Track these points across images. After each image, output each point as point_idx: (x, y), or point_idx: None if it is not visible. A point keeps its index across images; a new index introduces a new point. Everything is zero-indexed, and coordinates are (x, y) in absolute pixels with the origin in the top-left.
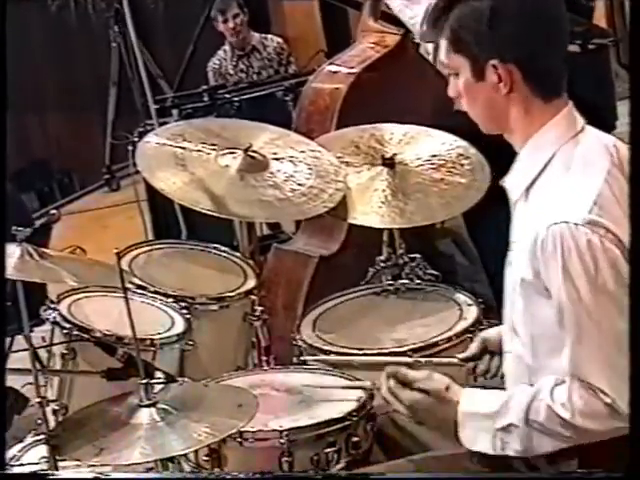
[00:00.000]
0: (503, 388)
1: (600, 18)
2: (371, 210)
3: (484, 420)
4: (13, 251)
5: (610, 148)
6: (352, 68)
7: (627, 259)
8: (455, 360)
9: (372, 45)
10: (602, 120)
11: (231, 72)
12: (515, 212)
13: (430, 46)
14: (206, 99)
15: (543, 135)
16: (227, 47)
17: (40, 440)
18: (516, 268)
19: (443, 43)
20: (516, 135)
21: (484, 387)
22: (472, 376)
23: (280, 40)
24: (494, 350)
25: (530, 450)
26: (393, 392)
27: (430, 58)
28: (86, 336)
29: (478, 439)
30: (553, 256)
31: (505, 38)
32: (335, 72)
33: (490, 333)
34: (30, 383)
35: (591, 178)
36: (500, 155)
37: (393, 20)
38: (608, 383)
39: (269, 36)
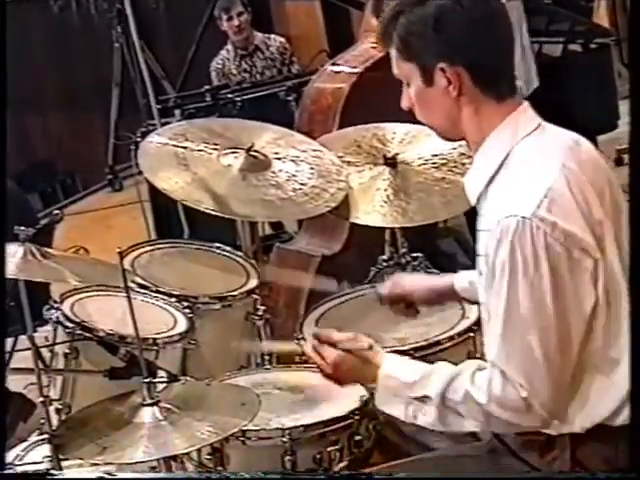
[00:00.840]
0: None
1: (603, 17)
2: (373, 209)
3: (401, 387)
4: (16, 251)
5: (570, 145)
6: (354, 68)
7: (575, 257)
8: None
9: (374, 45)
10: (603, 119)
11: (234, 72)
12: (479, 212)
13: None
14: (208, 99)
15: (497, 134)
16: (230, 47)
17: (43, 439)
18: (481, 266)
19: (392, 53)
20: (470, 137)
21: None
22: None
23: (283, 40)
24: (410, 302)
25: (441, 425)
26: (317, 350)
27: None
28: (89, 335)
29: (392, 403)
30: (499, 247)
31: (451, 41)
32: (337, 72)
33: (414, 286)
34: (33, 383)
35: (544, 173)
36: None
37: None
38: (525, 378)
39: (272, 36)
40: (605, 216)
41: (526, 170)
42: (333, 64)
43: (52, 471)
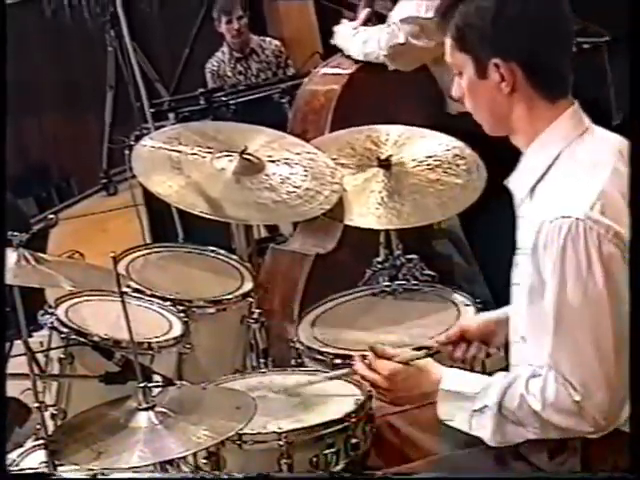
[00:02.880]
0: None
1: None
2: (368, 211)
3: (464, 400)
4: (10, 256)
5: (619, 147)
6: (346, 69)
7: (623, 258)
8: (433, 343)
9: None
10: (597, 118)
11: (229, 74)
12: (520, 213)
13: None
14: (202, 102)
15: (548, 135)
16: (225, 49)
17: (39, 445)
18: (522, 270)
19: (448, 42)
20: (520, 135)
21: None
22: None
23: (278, 43)
24: (471, 339)
25: (499, 436)
26: (371, 365)
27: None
28: (84, 340)
29: (456, 416)
30: (550, 248)
31: (508, 37)
32: (329, 73)
33: (469, 322)
34: (29, 388)
35: (596, 176)
36: (496, 155)
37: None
38: (579, 380)
39: (267, 39)
40: None
41: (577, 172)
42: (325, 66)
43: (49, 472)
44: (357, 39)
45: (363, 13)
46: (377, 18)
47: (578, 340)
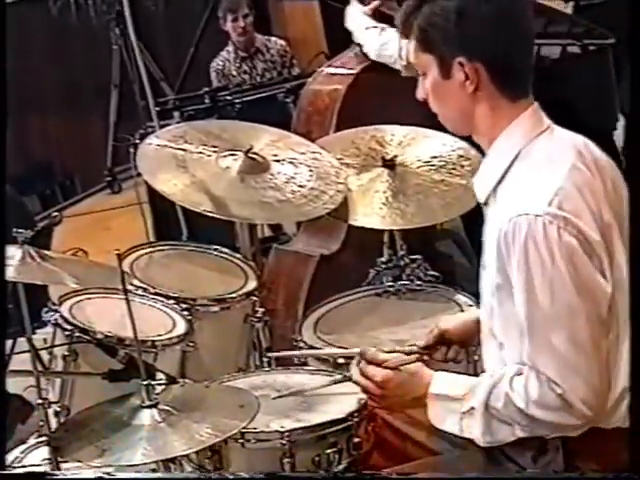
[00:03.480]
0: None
1: None
2: (372, 211)
3: (452, 402)
4: (14, 253)
5: (579, 147)
6: (351, 69)
7: (587, 252)
8: (415, 348)
9: None
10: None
11: (234, 73)
12: (487, 214)
13: None
14: (207, 101)
15: (508, 134)
16: (230, 48)
17: (42, 442)
18: (489, 270)
19: (412, 43)
20: (483, 135)
21: None
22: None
23: (283, 43)
24: (451, 341)
25: (489, 436)
26: (364, 371)
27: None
28: (87, 338)
29: (446, 420)
30: (512, 247)
31: (472, 36)
32: (334, 73)
33: (448, 323)
34: (32, 386)
35: (553, 172)
36: None
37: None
38: (559, 374)
39: (272, 38)
40: (614, 219)
41: (536, 170)
42: (330, 66)
43: (49, 472)
44: (375, 38)
45: (374, 3)
46: (380, 16)
47: (552, 336)
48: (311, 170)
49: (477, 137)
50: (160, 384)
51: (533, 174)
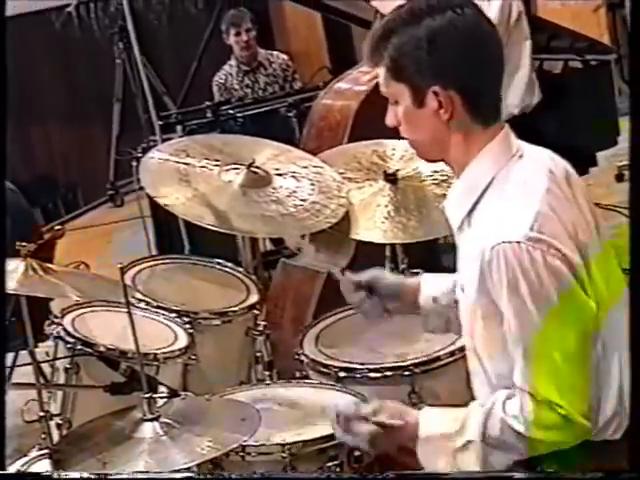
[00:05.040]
0: None
1: (603, 34)
2: (374, 226)
3: (443, 440)
4: (17, 266)
5: (548, 164)
6: (362, 85)
7: (573, 274)
8: (336, 270)
9: None
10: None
11: (236, 87)
12: (459, 238)
13: None
14: (210, 115)
15: (481, 160)
16: (233, 62)
17: (44, 454)
18: (468, 294)
19: (382, 72)
20: (454, 161)
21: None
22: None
23: (286, 57)
24: (377, 293)
25: (487, 465)
26: (351, 430)
27: None
28: (89, 351)
29: (438, 460)
30: (499, 276)
31: (445, 64)
32: (346, 89)
33: (384, 276)
34: (34, 399)
35: (530, 197)
36: None
37: None
38: (559, 395)
39: (275, 53)
40: (589, 237)
41: (511, 196)
42: (340, 81)
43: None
44: None
45: None
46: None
47: (549, 357)
48: (313, 184)
49: (448, 163)
50: (162, 397)
51: (509, 200)
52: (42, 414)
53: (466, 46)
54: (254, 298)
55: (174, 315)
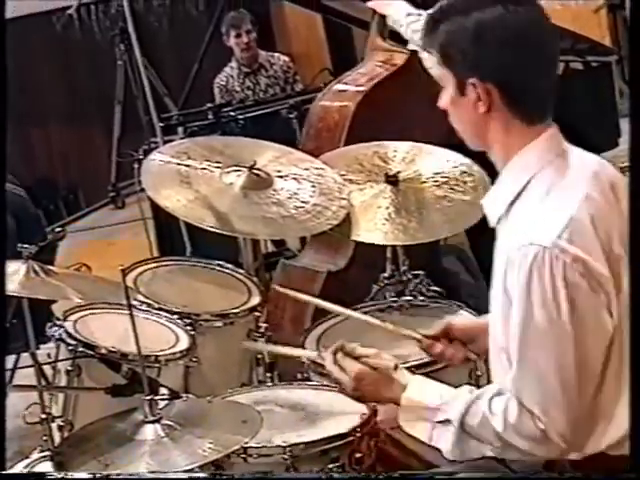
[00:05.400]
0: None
1: (604, 36)
2: (375, 227)
3: (425, 411)
4: (19, 268)
5: (595, 171)
6: (361, 86)
7: (594, 289)
8: (416, 335)
9: (380, 63)
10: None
11: (237, 89)
12: (498, 234)
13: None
14: (211, 117)
15: (523, 156)
16: (234, 64)
17: (45, 456)
18: (496, 289)
19: (434, 56)
20: (497, 154)
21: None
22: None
23: (287, 59)
24: (455, 338)
25: (458, 451)
26: (339, 363)
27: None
28: (91, 353)
29: (416, 426)
30: (517, 276)
31: (486, 58)
32: (344, 90)
33: (457, 321)
34: (36, 403)
35: (567, 202)
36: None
37: (401, 39)
38: (541, 408)
39: (276, 54)
40: (624, 251)
41: (549, 197)
42: (339, 82)
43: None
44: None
45: None
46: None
47: (541, 369)
48: (314, 186)
49: (491, 155)
50: (163, 399)
51: (547, 200)
52: (44, 416)
53: (511, 44)
54: (255, 300)
55: (175, 317)
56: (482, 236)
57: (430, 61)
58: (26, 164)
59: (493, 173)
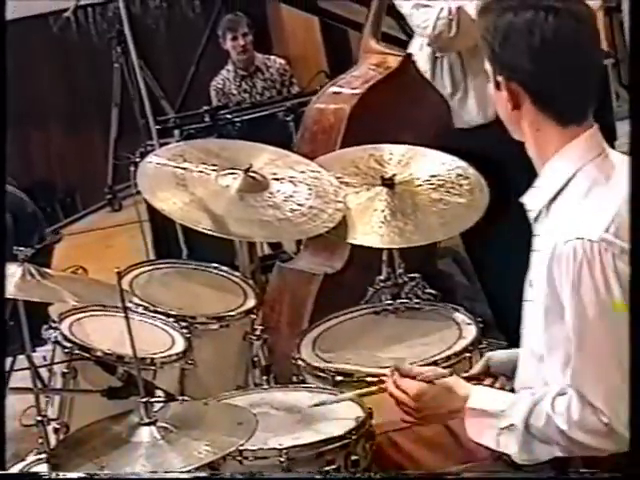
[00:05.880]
0: None
1: (601, 39)
2: (371, 230)
3: (490, 418)
4: (15, 271)
5: None
6: (355, 89)
7: None
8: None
9: (374, 66)
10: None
11: (234, 92)
12: (536, 230)
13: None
14: (207, 119)
15: (564, 155)
16: (230, 67)
17: (41, 459)
18: (536, 288)
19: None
20: (531, 150)
21: None
22: None
23: (283, 62)
24: (497, 373)
25: (526, 454)
26: (398, 384)
27: (427, 76)
28: (87, 355)
29: (483, 434)
30: (567, 270)
31: (512, 60)
32: (338, 93)
33: (497, 355)
34: (32, 406)
35: (611, 198)
36: (498, 175)
37: (394, 42)
38: (605, 402)
39: (272, 57)
40: None
41: (592, 193)
42: (334, 85)
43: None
44: (420, 15)
45: None
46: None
47: (602, 362)
48: (310, 189)
49: (528, 151)
50: (159, 401)
51: (589, 197)
52: (39, 418)
53: (539, 50)
54: (251, 303)
55: (171, 320)
56: (476, 238)
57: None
58: (23, 166)
59: (490, 175)
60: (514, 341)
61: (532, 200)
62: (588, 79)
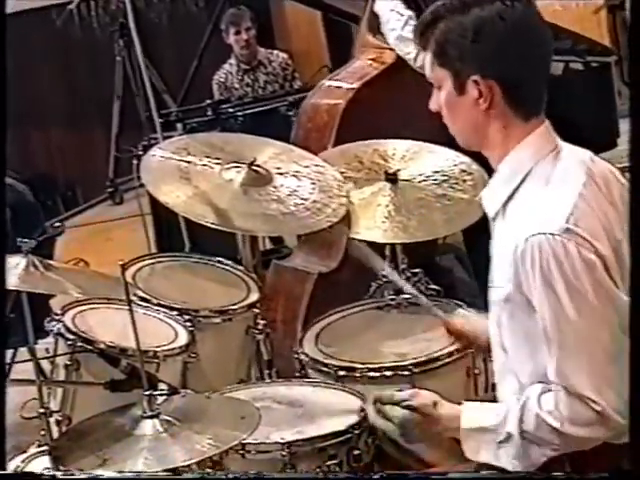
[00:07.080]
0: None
1: (604, 36)
2: (374, 225)
3: (487, 433)
4: (18, 262)
5: (587, 163)
6: (351, 84)
7: (606, 268)
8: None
9: (370, 61)
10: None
11: (236, 86)
12: (494, 229)
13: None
14: (210, 113)
15: (520, 152)
16: (233, 61)
17: (43, 451)
18: (498, 285)
19: (428, 56)
20: (493, 152)
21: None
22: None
23: (285, 56)
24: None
25: (526, 460)
26: (383, 413)
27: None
28: (90, 347)
29: (481, 451)
30: (532, 267)
31: (488, 54)
32: (334, 88)
33: (455, 319)
34: (34, 398)
35: (567, 191)
36: None
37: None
38: (595, 390)
39: (275, 52)
40: (622, 234)
41: (549, 188)
42: (329, 80)
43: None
44: (397, 25)
45: None
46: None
47: (584, 350)
48: (314, 183)
49: (486, 153)
50: (162, 394)
51: (546, 192)
52: (42, 411)
53: (511, 38)
54: (254, 296)
55: (174, 313)
56: (475, 234)
57: (424, 61)
58: (24, 160)
59: (492, 171)
60: None
61: (490, 200)
62: (548, 69)
